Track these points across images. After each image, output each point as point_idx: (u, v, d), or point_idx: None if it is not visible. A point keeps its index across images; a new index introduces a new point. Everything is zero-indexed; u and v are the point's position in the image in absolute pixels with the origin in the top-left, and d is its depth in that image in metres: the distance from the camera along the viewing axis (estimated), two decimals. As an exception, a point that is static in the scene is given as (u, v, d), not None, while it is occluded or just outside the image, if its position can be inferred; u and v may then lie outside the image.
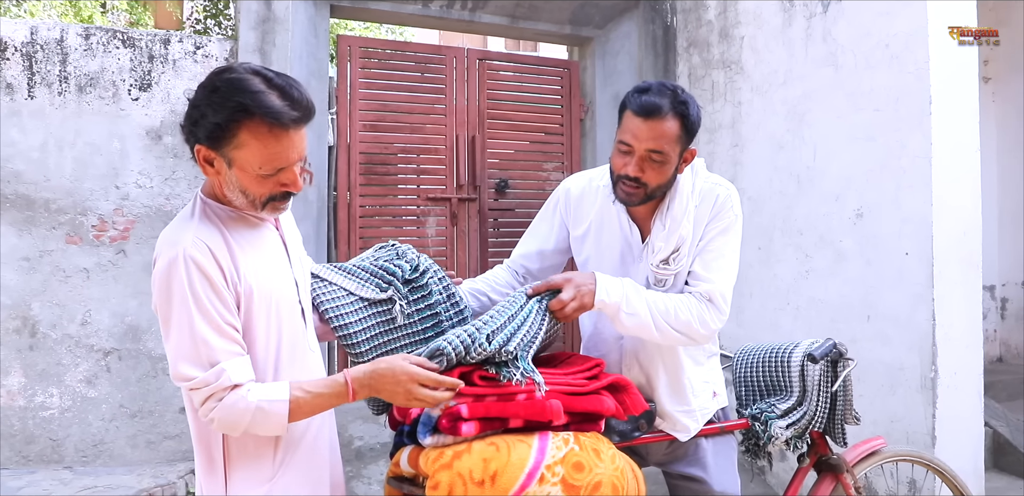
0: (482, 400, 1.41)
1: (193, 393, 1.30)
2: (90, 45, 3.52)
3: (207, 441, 1.41)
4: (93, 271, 3.50)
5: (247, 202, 1.36)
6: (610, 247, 1.80)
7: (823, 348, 1.83)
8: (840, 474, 1.96)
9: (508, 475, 1.35)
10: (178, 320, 1.29)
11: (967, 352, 2.90)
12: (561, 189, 1.93)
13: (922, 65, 2.92)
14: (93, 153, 3.50)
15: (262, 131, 1.27)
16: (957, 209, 2.91)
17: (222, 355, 1.30)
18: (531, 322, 1.50)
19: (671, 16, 4.54)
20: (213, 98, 1.27)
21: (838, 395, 1.88)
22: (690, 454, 1.80)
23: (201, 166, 1.34)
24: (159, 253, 1.33)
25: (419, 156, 4.27)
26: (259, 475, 1.41)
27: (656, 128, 1.59)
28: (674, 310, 1.63)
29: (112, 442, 3.51)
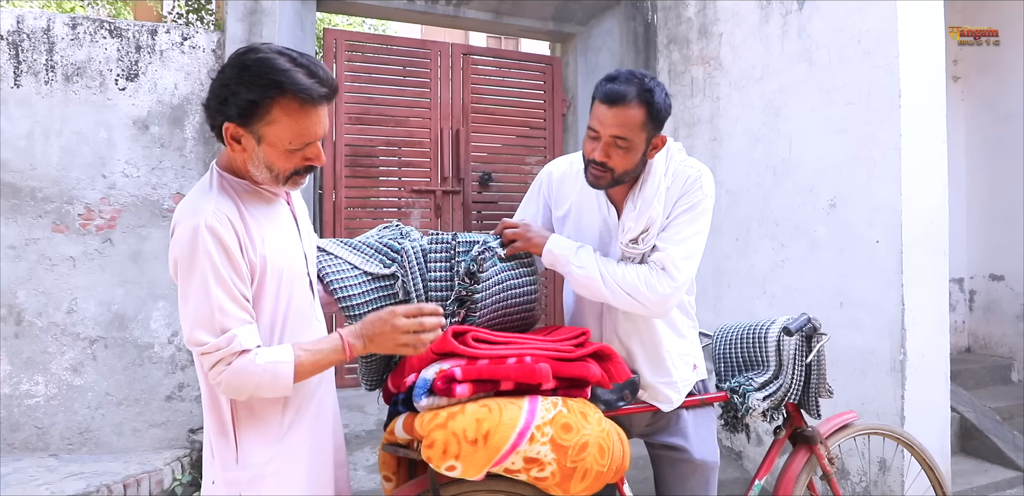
0: (475, 363, 1.47)
1: (204, 358, 1.36)
2: (77, 35, 3.54)
3: (217, 404, 1.46)
4: (79, 259, 3.51)
5: (270, 177, 1.43)
6: (589, 227, 1.87)
7: (798, 322, 1.92)
8: (814, 445, 2.05)
9: (500, 434, 1.43)
10: (197, 287, 1.34)
11: (934, 336, 3.01)
12: (544, 172, 2.00)
13: (892, 60, 3.03)
14: (80, 142, 3.52)
15: (293, 107, 1.33)
16: (925, 199, 3.03)
17: (233, 322, 1.36)
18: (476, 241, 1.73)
19: (652, 13, 4.64)
20: (244, 76, 1.32)
21: (812, 368, 1.97)
22: (672, 424, 1.88)
23: (228, 144, 1.39)
24: (178, 221, 1.38)
25: (404, 149, 4.33)
26: (268, 436, 1.47)
27: (620, 115, 1.65)
28: (622, 272, 1.71)
29: (98, 430, 3.52)
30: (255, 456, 1.45)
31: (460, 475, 1.45)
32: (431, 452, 1.43)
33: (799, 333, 1.93)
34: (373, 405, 4.00)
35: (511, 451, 1.43)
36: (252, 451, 1.45)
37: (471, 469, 1.44)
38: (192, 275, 1.34)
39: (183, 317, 1.37)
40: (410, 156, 4.34)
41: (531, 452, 1.45)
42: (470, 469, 1.44)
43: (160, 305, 3.63)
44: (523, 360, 1.49)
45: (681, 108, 4.34)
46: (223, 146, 1.45)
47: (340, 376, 4.26)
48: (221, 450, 1.46)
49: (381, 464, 1.76)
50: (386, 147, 4.27)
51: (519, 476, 1.50)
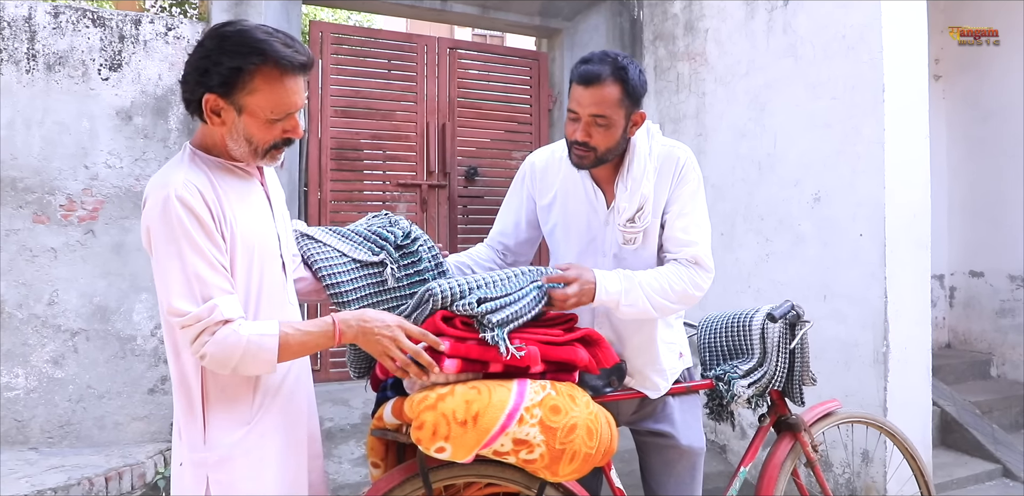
0: (463, 342, 1.47)
1: (185, 330, 1.33)
2: (59, 23, 3.49)
3: (187, 384, 1.43)
4: (61, 251, 3.47)
5: (249, 150, 1.42)
6: (576, 213, 1.87)
7: (782, 309, 1.94)
8: (798, 433, 2.06)
9: (489, 416, 1.42)
10: (170, 256, 1.32)
11: (916, 329, 3.05)
12: (526, 163, 2.01)
13: (876, 55, 3.06)
14: (62, 132, 3.48)
15: (275, 76, 1.35)
16: (908, 193, 3.07)
17: (215, 291, 1.34)
18: (523, 304, 1.55)
19: (638, 10, 4.66)
20: (226, 45, 1.33)
21: (796, 355, 1.98)
22: (658, 411, 1.89)
23: (207, 117, 1.38)
24: (148, 194, 1.37)
25: (390, 143, 4.32)
26: (237, 418, 1.44)
27: (596, 94, 1.68)
28: (668, 285, 1.72)
29: (79, 423, 3.48)
30: (223, 437, 1.42)
31: (449, 457, 1.45)
32: (421, 434, 1.42)
33: (783, 320, 1.94)
34: (358, 399, 3.98)
35: (500, 432, 1.43)
36: (220, 432, 1.42)
37: (460, 451, 1.44)
38: (166, 245, 1.33)
39: (160, 289, 1.34)
40: (396, 150, 4.33)
41: (520, 434, 1.45)
42: (459, 451, 1.44)
43: (143, 297, 3.60)
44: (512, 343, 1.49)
45: (667, 104, 4.37)
46: (200, 125, 1.45)
47: (325, 370, 4.24)
48: (189, 431, 1.43)
49: (369, 450, 1.75)
50: (372, 141, 4.26)
51: (508, 458, 1.50)
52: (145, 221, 1.36)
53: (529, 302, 1.54)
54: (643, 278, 1.71)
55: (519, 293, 1.54)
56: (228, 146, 1.43)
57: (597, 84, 1.68)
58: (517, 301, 1.53)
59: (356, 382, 4.24)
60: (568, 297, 1.62)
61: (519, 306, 1.52)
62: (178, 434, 1.47)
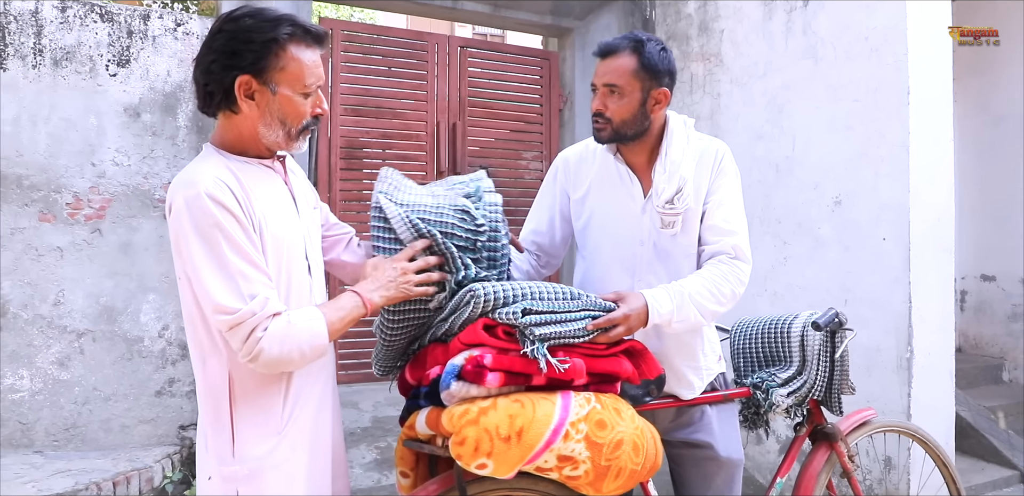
0: (506, 354, 1.42)
1: (236, 330, 1.27)
2: (66, 18, 3.42)
3: (214, 394, 1.38)
4: (67, 250, 3.40)
5: (283, 134, 1.40)
6: (612, 202, 1.85)
7: (827, 317, 1.89)
8: (835, 443, 2.02)
9: (534, 431, 1.37)
10: (208, 256, 1.27)
11: (940, 334, 3.01)
12: (559, 159, 1.99)
13: (901, 58, 3.02)
14: (68, 129, 3.41)
15: (303, 47, 1.36)
16: (932, 196, 3.03)
17: (259, 286, 1.29)
18: (570, 328, 1.47)
19: (650, 10, 4.61)
20: (249, 23, 1.32)
21: (836, 364, 1.93)
22: (696, 420, 1.83)
23: (241, 102, 1.35)
24: (174, 195, 1.32)
25: (399, 142, 4.25)
26: (267, 429, 1.39)
27: (610, 64, 1.72)
28: (717, 289, 1.68)
29: (85, 426, 3.41)
30: (253, 449, 1.37)
31: (490, 473, 1.39)
32: (462, 450, 1.37)
33: (826, 328, 1.90)
34: (367, 402, 3.93)
35: (545, 449, 1.38)
36: (250, 443, 1.37)
37: (503, 468, 1.38)
38: (202, 245, 1.27)
39: (201, 291, 1.29)
40: (406, 149, 4.27)
41: (565, 450, 1.39)
42: (502, 467, 1.38)
43: (150, 298, 3.53)
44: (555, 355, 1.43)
45: (680, 105, 4.31)
46: (212, 127, 1.41)
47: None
48: (217, 442, 1.37)
49: (398, 459, 1.69)
50: (381, 140, 4.20)
51: (550, 475, 1.45)
52: (174, 224, 1.31)
53: (576, 330, 1.47)
54: (691, 289, 1.66)
55: (567, 315, 1.47)
56: (260, 133, 1.39)
57: (612, 55, 1.73)
58: (564, 322, 1.46)
59: (365, 385, 4.18)
60: (620, 336, 1.56)
61: (565, 328, 1.45)
62: (204, 446, 1.41)
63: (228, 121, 1.41)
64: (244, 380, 1.37)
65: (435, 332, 1.59)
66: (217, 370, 1.37)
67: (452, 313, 1.50)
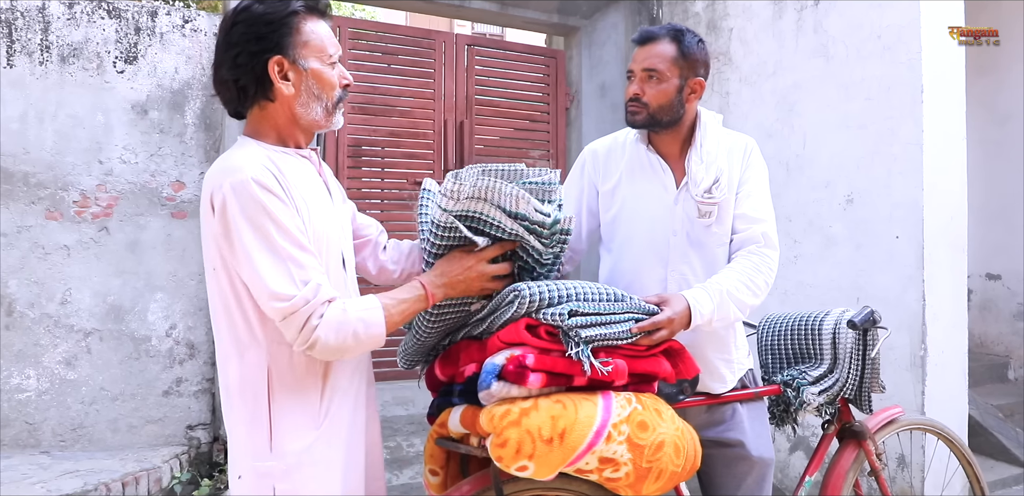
0: (548, 354, 1.40)
1: (291, 318, 1.25)
2: (74, 14, 3.38)
3: (252, 388, 1.34)
4: (74, 248, 3.37)
5: (322, 110, 1.41)
6: (644, 192, 1.85)
7: (862, 315, 1.88)
8: (863, 441, 2.01)
9: (577, 433, 1.35)
10: (258, 244, 1.25)
11: (954, 331, 3.02)
12: (587, 151, 1.99)
13: (914, 56, 3.02)
14: (75, 126, 3.37)
15: (315, 19, 1.39)
16: (946, 194, 3.03)
17: (311, 272, 1.28)
18: (614, 331, 1.45)
19: (657, 8, 4.60)
20: (261, 8, 1.34)
21: (867, 363, 1.93)
22: (728, 419, 1.82)
23: (276, 82, 1.35)
24: (218, 182, 1.27)
25: (407, 140, 4.23)
26: (306, 422, 1.36)
27: (650, 50, 1.76)
28: (752, 282, 1.71)
29: (92, 426, 3.38)
30: (291, 443, 1.33)
31: (531, 475, 1.37)
32: (503, 451, 1.35)
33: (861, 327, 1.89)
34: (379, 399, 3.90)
35: (587, 451, 1.36)
36: (288, 438, 1.33)
37: (544, 469, 1.36)
38: (252, 232, 1.25)
39: (254, 280, 1.26)
40: (413, 148, 4.25)
41: (607, 452, 1.38)
42: (543, 469, 1.36)
43: (158, 297, 3.50)
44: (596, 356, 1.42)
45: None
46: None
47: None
48: (252, 438, 1.33)
49: (428, 457, 1.67)
50: (389, 138, 4.17)
51: (590, 476, 1.43)
52: (220, 217, 1.26)
53: (620, 332, 1.45)
54: (728, 285, 1.67)
55: (612, 317, 1.45)
56: (297, 115, 1.40)
57: (651, 42, 1.76)
58: (608, 324, 1.44)
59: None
60: (664, 339, 1.56)
61: (609, 330, 1.43)
62: (237, 443, 1.36)
63: (262, 113, 1.40)
64: (283, 373, 1.34)
65: (470, 330, 1.57)
66: (256, 363, 1.33)
67: (492, 312, 1.48)
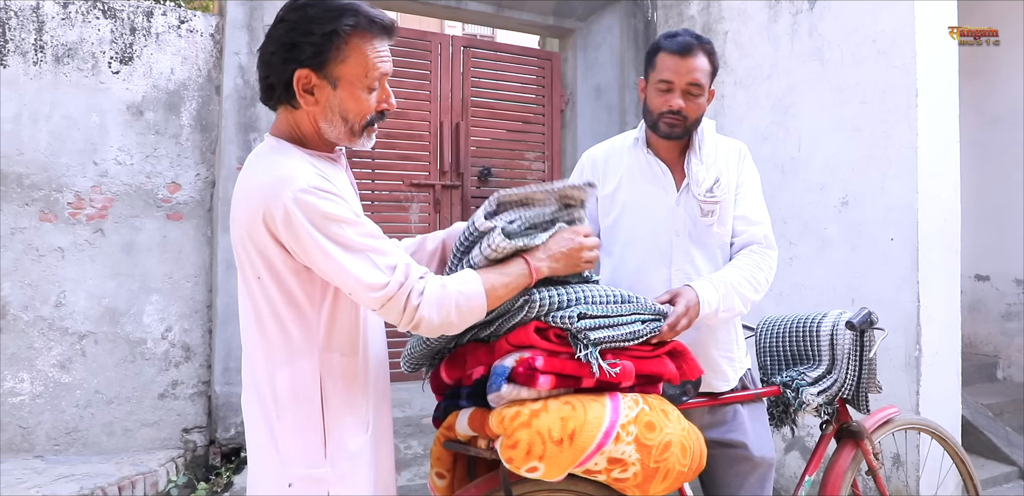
0: (557, 356, 1.41)
1: (391, 303, 1.24)
2: (68, 14, 3.37)
3: (305, 394, 1.31)
4: (68, 250, 3.35)
5: (345, 130, 1.33)
6: (645, 194, 1.89)
7: (860, 316, 1.90)
8: (861, 440, 2.03)
9: (586, 434, 1.36)
10: (336, 246, 1.22)
11: (947, 332, 3.05)
12: (585, 158, 2.03)
13: (909, 60, 3.05)
14: (70, 127, 3.35)
15: (367, 38, 1.28)
16: (940, 197, 3.06)
17: (393, 256, 1.27)
18: (623, 332, 1.46)
19: (652, 11, 4.62)
20: (311, 13, 1.26)
21: (864, 363, 1.95)
22: (729, 420, 1.84)
23: (300, 96, 1.29)
24: (274, 195, 1.22)
25: (403, 142, 4.23)
26: (357, 426, 1.37)
27: (692, 63, 1.77)
28: (753, 278, 1.78)
29: (87, 430, 3.36)
30: (345, 448, 1.33)
31: (541, 476, 1.38)
32: (513, 453, 1.36)
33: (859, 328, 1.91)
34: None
35: (596, 451, 1.37)
36: (342, 443, 1.33)
37: (554, 470, 1.38)
38: (324, 238, 1.22)
39: (345, 280, 1.23)
40: (408, 149, 4.25)
41: (616, 452, 1.39)
42: (553, 470, 1.37)
43: (153, 299, 3.48)
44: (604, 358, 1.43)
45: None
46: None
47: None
48: (305, 446, 1.31)
49: (435, 460, 1.68)
50: (385, 140, 4.17)
51: (598, 477, 1.45)
52: (285, 226, 1.22)
53: (628, 333, 1.46)
54: (732, 279, 1.74)
55: (620, 319, 1.47)
56: (320, 129, 1.33)
57: (692, 54, 1.77)
58: (617, 326, 1.45)
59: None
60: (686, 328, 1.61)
61: (617, 332, 1.45)
62: (285, 452, 1.31)
63: (290, 115, 1.35)
64: (335, 380, 1.34)
65: (477, 332, 1.58)
66: (309, 371, 1.31)
67: (500, 316, 1.48)
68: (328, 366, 1.33)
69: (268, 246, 1.26)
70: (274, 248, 1.26)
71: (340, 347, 1.34)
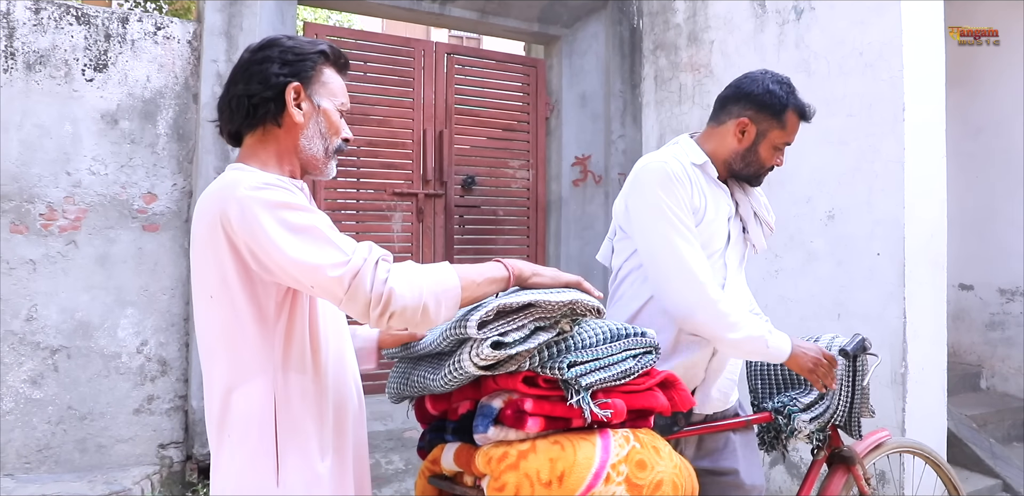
0: (547, 399, 1.36)
1: (357, 282, 1.15)
2: (40, 20, 3.27)
3: (257, 417, 1.27)
4: (40, 263, 3.25)
5: (322, 148, 1.40)
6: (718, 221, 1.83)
7: (855, 344, 1.87)
8: (852, 466, 2.01)
9: (576, 475, 1.32)
10: (292, 234, 1.19)
11: (933, 348, 3.04)
12: (675, 167, 1.81)
13: (896, 74, 3.03)
14: (42, 136, 3.26)
15: (334, 71, 1.43)
16: (926, 212, 3.05)
17: (354, 241, 1.24)
18: (613, 373, 1.40)
19: (637, 18, 4.59)
20: (292, 43, 1.38)
21: (858, 390, 1.92)
22: (721, 447, 1.81)
23: (290, 106, 1.34)
24: (219, 202, 1.23)
25: (385, 150, 4.16)
26: (312, 454, 1.31)
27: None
28: None
29: (59, 447, 3.27)
30: (299, 475, 1.28)
31: (528, 518, 1.34)
32: (502, 495, 1.31)
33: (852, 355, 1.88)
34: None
35: (586, 493, 1.32)
36: (295, 470, 1.28)
37: (542, 512, 1.33)
38: (280, 229, 1.19)
39: (300, 268, 1.17)
40: (391, 157, 4.19)
41: (606, 493, 1.34)
42: (541, 512, 1.33)
43: (128, 312, 3.40)
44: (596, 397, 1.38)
45: (668, 115, 4.30)
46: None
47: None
48: (256, 471, 1.27)
49: (419, 494, 1.63)
50: (367, 148, 4.10)
51: (587, 517, 1.40)
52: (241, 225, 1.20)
53: (620, 372, 1.41)
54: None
55: (611, 359, 1.41)
56: (300, 146, 1.38)
57: None
58: (609, 366, 1.40)
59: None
60: None
61: (609, 373, 1.39)
62: (236, 477, 1.28)
63: (264, 137, 1.37)
64: (291, 402, 1.29)
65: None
66: (261, 393, 1.27)
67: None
68: (284, 386, 1.29)
69: (224, 257, 1.24)
70: (229, 259, 1.23)
71: (297, 365, 1.30)
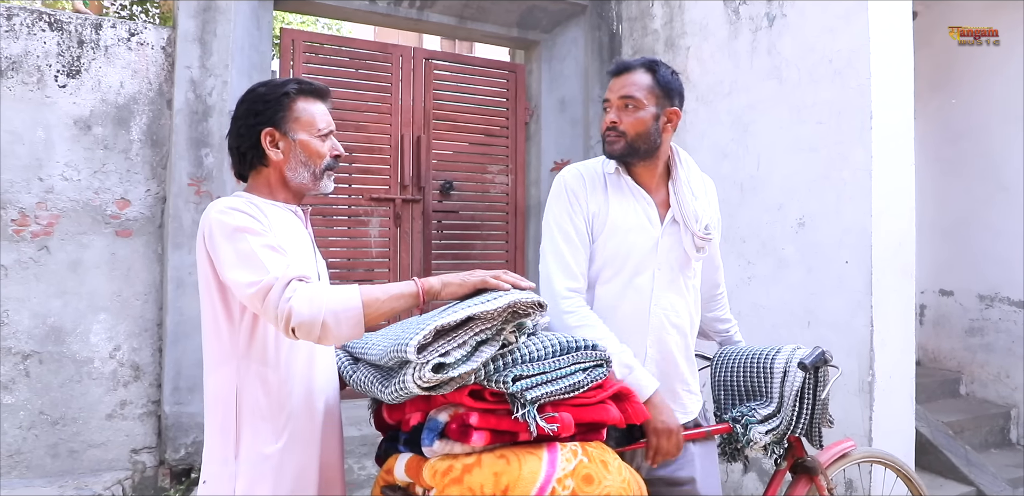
0: (493, 413, 1.37)
1: (267, 301, 1.34)
2: (12, 26, 3.26)
3: (224, 398, 1.50)
4: (12, 268, 3.24)
5: (309, 174, 1.60)
6: (630, 224, 1.81)
7: (813, 357, 1.87)
8: (815, 476, 2.02)
9: (520, 489, 1.33)
10: (233, 249, 1.40)
11: (901, 357, 3.06)
12: (572, 174, 1.86)
13: (864, 82, 3.05)
14: (14, 142, 3.25)
15: (309, 100, 1.61)
16: (894, 220, 3.07)
17: (282, 261, 1.40)
18: (561, 386, 1.42)
19: (616, 24, 4.60)
20: (263, 90, 1.59)
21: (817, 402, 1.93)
22: (680, 457, 1.81)
23: (268, 151, 1.57)
24: (205, 217, 1.47)
25: (362, 155, 4.17)
26: (268, 435, 1.50)
27: (626, 79, 1.78)
28: None
29: (30, 452, 3.26)
30: (254, 451, 1.49)
31: (473, 531, 1.35)
32: (446, 509, 1.32)
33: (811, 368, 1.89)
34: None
35: (530, 506, 1.34)
36: (252, 447, 1.49)
37: (487, 525, 1.34)
38: (226, 244, 1.41)
39: (233, 284, 1.39)
40: (369, 163, 4.19)
41: (551, 507, 1.35)
42: (485, 525, 1.34)
43: (101, 317, 3.39)
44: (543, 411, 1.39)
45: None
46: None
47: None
48: (221, 446, 1.49)
49: (373, 503, 1.64)
50: (345, 153, 4.10)
51: (534, 531, 1.41)
52: (209, 239, 1.45)
53: (568, 386, 1.42)
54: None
55: (558, 372, 1.42)
56: (287, 177, 1.59)
57: (627, 72, 1.79)
58: (556, 380, 1.41)
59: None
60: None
61: (556, 387, 1.41)
62: (208, 453, 1.52)
63: (258, 174, 1.62)
64: (251, 388, 1.50)
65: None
66: (227, 378, 1.50)
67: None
68: (245, 373, 1.50)
69: (204, 263, 1.48)
70: (207, 266, 1.48)
71: (259, 357, 1.50)
